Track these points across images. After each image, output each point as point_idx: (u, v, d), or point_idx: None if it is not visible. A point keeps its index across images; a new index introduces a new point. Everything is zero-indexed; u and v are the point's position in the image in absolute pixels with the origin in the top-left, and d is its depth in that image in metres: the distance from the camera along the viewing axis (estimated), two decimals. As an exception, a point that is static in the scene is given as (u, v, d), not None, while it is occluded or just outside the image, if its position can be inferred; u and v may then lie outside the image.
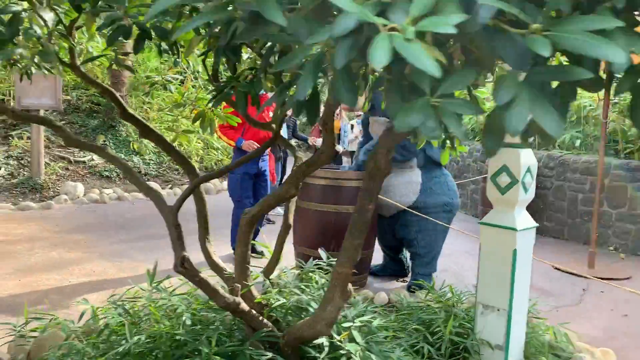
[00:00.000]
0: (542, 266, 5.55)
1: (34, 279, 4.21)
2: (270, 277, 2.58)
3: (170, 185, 8.74)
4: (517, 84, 0.96)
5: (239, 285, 2.30)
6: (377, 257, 5.02)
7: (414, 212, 4.35)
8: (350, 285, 2.05)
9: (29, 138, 7.85)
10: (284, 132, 7.54)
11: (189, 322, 2.28)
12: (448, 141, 2.62)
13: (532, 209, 7.19)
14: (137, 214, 6.91)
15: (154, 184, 8.53)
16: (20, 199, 6.93)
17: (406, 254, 4.83)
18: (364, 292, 4.13)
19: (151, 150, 9.15)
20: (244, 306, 2.26)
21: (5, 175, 7.29)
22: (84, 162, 8.30)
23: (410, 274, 4.65)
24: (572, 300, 4.49)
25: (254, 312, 2.31)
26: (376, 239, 4.71)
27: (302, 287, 2.58)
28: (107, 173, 8.27)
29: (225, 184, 8.33)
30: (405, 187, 4.43)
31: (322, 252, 2.98)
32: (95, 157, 8.45)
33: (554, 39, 0.89)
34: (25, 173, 7.46)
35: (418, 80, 0.97)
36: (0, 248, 5.02)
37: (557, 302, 4.42)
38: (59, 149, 8.25)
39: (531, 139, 7.01)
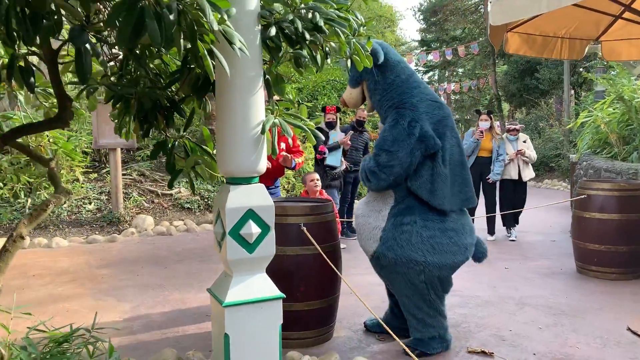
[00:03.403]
0: (618, 323, 4.13)
1: None
2: None
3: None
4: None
5: None
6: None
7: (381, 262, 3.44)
8: None
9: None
10: (337, 154, 6.91)
11: None
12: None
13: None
14: (189, 247, 6.92)
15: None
16: (97, 232, 7.45)
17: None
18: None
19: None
20: None
21: (94, 209, 7.94)
22: (170, 194, 8.68)
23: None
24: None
25: None
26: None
27: None
28: (188, 205, 8.53)
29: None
30: (368, 230, 3.51)
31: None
32: (182, 189, 8.79)
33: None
34: (110, 207, 8.04)
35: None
36: (20, 281, 5.35)
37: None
38: (151, 183, 8.77)
39: None
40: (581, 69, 18.66)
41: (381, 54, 3.39)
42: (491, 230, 7.64)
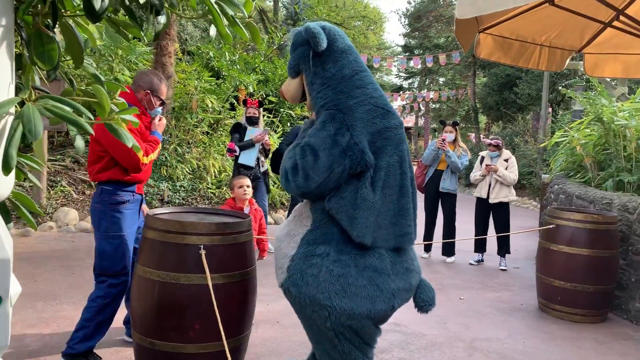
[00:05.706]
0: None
1: None
2: None
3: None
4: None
5: None
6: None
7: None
8: None
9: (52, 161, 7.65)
10: (251, 153, 6.22)
11: None
12: None
13: (618, 283, 4.94)
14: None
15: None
16: (16, 225, 6.60)
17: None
18: None
19: (186, 176, 8.45)
20: None
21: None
22: (106, 186, 7.85)
23: None
24: None
25: None
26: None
27: None
28: (123, 199, 7.72)
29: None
30: (278, 258, 2.77)
31: None
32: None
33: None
34: (32, 196, 7.20)
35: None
36: None
37: None
38: (85, 172, 7.93)
39: None
40: (560, 87, 18.32)
41: (321, 40, 2.65)
42: (449, 252, 7.07)
